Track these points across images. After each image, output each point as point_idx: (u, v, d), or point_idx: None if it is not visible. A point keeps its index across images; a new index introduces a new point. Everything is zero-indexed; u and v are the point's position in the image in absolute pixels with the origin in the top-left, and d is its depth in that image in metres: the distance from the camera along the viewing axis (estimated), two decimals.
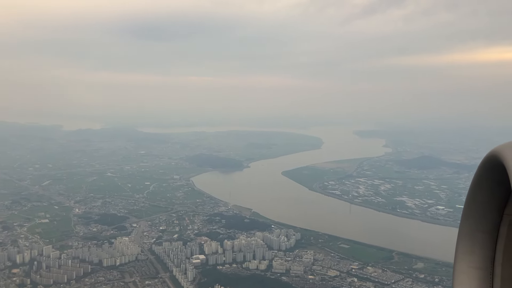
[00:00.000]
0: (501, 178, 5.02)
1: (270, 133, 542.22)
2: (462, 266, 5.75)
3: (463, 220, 5.78)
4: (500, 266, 5.62)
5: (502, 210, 5.59)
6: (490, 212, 5.60)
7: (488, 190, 5.45)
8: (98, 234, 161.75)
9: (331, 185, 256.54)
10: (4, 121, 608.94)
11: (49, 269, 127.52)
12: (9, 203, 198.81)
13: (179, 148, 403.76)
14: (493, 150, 4.90)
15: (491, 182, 5.33)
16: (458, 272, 5.76)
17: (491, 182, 5.33)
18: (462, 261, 5.76)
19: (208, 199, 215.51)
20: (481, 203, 5.58)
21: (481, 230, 5.69)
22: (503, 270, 5.60)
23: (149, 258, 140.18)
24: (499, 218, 5.63)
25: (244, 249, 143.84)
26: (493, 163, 4.92)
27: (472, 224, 5.71)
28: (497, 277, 5.62)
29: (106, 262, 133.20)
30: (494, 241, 5.71)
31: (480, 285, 5.67)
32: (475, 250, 5.72)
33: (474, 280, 5.69)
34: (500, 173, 4.82)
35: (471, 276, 5.72)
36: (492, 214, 5.62)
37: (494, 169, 4.99)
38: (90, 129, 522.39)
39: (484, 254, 5.71)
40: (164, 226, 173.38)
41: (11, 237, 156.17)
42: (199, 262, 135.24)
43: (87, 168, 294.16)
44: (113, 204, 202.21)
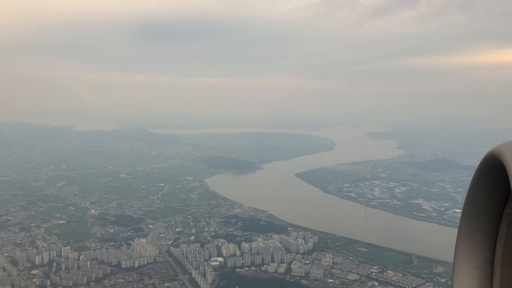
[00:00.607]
0: (500, 178, 4.99)
1: (281, 134, 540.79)
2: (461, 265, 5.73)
3: (462, 219, 5.76)
4: (500, 265, 5.60)
5: (501, 210, 5.56)
6: (490, 212, 5.58)
7: (488, 189, 5.44)
8: (115, 236, 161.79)
9: (346, 187, 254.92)
10: (17, 121, 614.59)
11: (68, 270, 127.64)
12: (25, 203, 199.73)
13: (191, 149, 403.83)
14: (492, 150, 4.88)
15: (491, 181, 5.32)
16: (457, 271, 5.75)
17: (491, 181, 5.32)
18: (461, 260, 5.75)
19: (223, 201, 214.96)
20: (480, 202, 5.56)
21: (480, 229, 5.66)
22: (502, 269, 5.59)
23: (167, 260, 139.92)
24: (499, 218, 5.60)
25: (262, 252, 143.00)
26: (493, 162, 4.90)
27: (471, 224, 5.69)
28: (497, 277, 5.60)
29: (125, 264, 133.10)
30: (494, 240, 5.69)
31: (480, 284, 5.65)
32: (474, 249, 5.70)
33: (473, 279, 5.67)
34: (499, 172, 4.81)
35: (471, 275, 5.70)
36: (491, 214, 5.59)
37: (494, 169, 4.96)
38: (102, 130, 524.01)
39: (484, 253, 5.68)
40: (181, 227, 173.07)
41: (29, 238, 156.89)
42: (217, 264, 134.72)
43: (101, 169, 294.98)
44: (128, 205, 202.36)
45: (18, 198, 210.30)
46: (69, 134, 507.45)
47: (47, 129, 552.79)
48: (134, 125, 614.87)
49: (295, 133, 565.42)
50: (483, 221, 5.67)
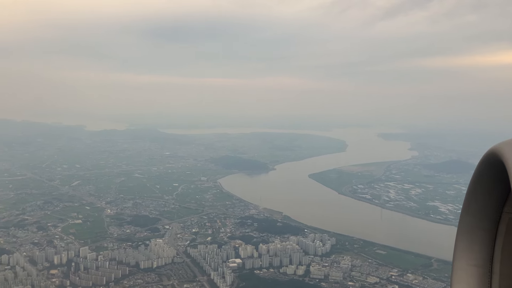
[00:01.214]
0: (500, 176, 5.01)
1: (292, 135, 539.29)
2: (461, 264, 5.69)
3: (462, 218, 5.70)
4: (499, 263, 5.57)
5: (501, 208, 5.53)
6: (489, 210, 5.55)
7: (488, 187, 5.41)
8: (132, 236, 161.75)
9: (361, 189, 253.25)
10: (29, 121, 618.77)
11: (87, 270, 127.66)
12: (41, 203, 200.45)
13: (203, 149, 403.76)
14: (492, 148, 4.87)
15: (491, 179, 5.30)
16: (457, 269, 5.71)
17: (491, 179, 5.30)
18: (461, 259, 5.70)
19: (238, 202, 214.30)
20: (480, 200, 5.52)
21: (480, 227, 5.62)
22: (502, 267, 5.55)
23: (185, 261, 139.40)
24: (498, 216, 5.56)
25: (279, 254, 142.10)
26: (493, 160, 4.89)
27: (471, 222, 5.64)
28: (496, 275, 5.57)
29: (143, 265, 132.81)
30: (493, 238, 5.65)
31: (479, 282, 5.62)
32: (474, 247, 5.66)
33: (473, 278, 5.64)
34: (499, 170, 4.83)
35: (470, 274, 5.67)
36: (491, 212, 5.56)
37: (494, 167, 4.97)
38: (115, 130, 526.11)
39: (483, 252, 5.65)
40: (197, 228, 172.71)
41: (46, 238, 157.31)
42: (235, 266, 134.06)
43: (115, 169, 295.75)
44: (144, 206, 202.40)
45: (34, 197, 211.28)
46: (81, 134, 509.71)
47: (59, 129, 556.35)
48: (146, 125, 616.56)
49: (306, 133, 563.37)
50: (483, 219, 5.60)
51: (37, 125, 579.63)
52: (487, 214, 5.61)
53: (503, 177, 4.76)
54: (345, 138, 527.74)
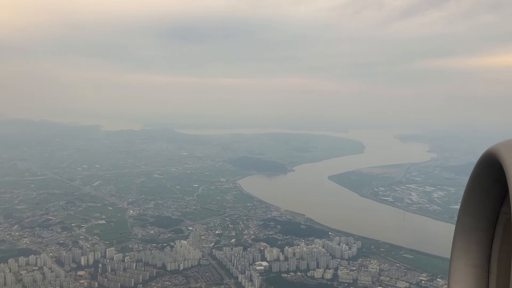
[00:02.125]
0: (497, 177, 5.02)
1: (308, 135, 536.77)
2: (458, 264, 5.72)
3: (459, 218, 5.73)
4: (496, 264, 5.59)
5: (498, 208, 5.55)
6: (487, 210, 5.57)
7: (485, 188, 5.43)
8: (156, 237, 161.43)
9: (382, 191, 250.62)
10: (47, 120, 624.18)
11: (115, 272, 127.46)
12: (64, 203, 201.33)
13: (220, 150, 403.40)
14: (490, 149, 4.91)
15: (488, 180, 5.31)
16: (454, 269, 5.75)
17: (488, 180, 5.31)
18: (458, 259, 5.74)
19: (259, 203, 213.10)
20: (478, 201, 5.54)
21: (477, 228, 5.65)
22: (499, 268, 5.55)
23: (211, 263, 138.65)
24: (496, 216, 5.59)
25: (306, 257, 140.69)
26: (490, 161, 4.92)
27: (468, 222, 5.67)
28: (493, 275, 5.60)
29: (170, 266, 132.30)
30: (490, 239, 5.67)
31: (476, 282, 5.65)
32: (471, 248, 5.69)
33: (470, 278, 5.66)
34: (497, 171, 4.85)
35: (467, 274, 5.68)
36: (488, 212, 5.58)
37: (491, 168, 5.00)
38: (131, 130, 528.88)
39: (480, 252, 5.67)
40: (220, 230, 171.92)
41: (71, 238, 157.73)
42: (262, 269, 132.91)
43: (134, 169, 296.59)
44: (165, 206, 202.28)
45: (56, 197, 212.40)
46: (98, 134, 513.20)
47: (75, 129, 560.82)
48: (162, 125, 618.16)
49: (322, 134, 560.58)
50: (480, 220, 5.59)
51: (54, 124, 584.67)
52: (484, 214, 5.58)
53: (501, 177, 4.70)
54: (362, 139, 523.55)
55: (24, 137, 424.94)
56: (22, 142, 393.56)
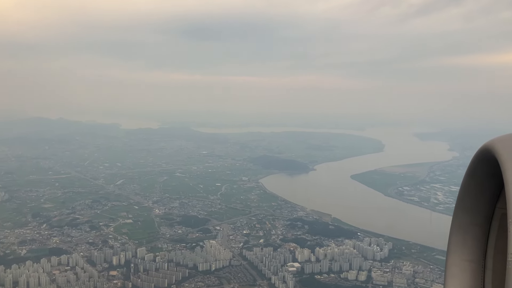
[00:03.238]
0: (493, 172, 5.10)
1: (326, 134, 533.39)
2: (454, 259, 5.77)
3: (455, 213, 5.78)
4: (492, 259, 5.66)
5: (494, 204, 5.62)
6: (483, 206, 5.62)
7: (481, 183, 5.48)
8: (184, 237, 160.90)
9: (407, 191, 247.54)
10: (65, 119, 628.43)
11: (147, 272, 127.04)
12: (90, 202, 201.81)
13: (239, 148, 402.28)
14: (486, 144, 4.98)
15: (484, 175, 5.37)
16: (450, 264, 5.80)
17: (484, 175, 5.37)
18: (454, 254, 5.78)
19: (283, 203, 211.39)
20: (473, 196, 5.59)
21: (473, 223, 5.70)
22: (494, 263, 5.62)
23: (242, 263, 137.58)
24: (491, 212, 5.65)
25: (337, 258, 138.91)
26: (486, 156, 5.00)
27: (464, 217, 5.72)
28: (489, 270, 5.67)
29: (202, 267, 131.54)
30: (486, 234, 5.71)
31: (472, 277, 5.70)
32: (467, 243, 5.74)
33: (466, 273, 5.71)
34: (492, 166, 4.91)
35: (463, 269, 5.70)
36: (484, 208, 5.64)
37: (487, 163, 5.08)
38: (149, 128, 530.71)
39: (476, 247, 5.73)
40: (247, 230, 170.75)
41: (100, 237, 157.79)
42: (294, 270, 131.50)
43: (155, 168, 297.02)
44: (190, 206, 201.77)
45: (82, 196, 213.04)
46: (117, 132, 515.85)
47: (94, 127, 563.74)
48: (179, 124, 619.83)
49: (339, 133, 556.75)
50: (476, 215, 5.65)
51: (72, 123, 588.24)
52: (480, 209, 5.61)
53: (496, 172, 4.74)
54: (380, 137, 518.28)
55: (43, 136, 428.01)
56: (42, 141, 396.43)
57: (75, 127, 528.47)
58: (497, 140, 4.84)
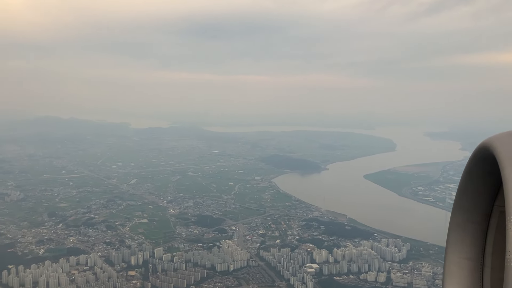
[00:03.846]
0: (492, 170, 5.07)
1: (336, 133, 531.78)
2: (453, 257, 5.75)
3: (454, 211, 5.76)
4: (490, 256, 5.65)
5: (492, 201, 5.61)
6: (481, 203, 5.61)
7: (479, 181, 5.46)
8: (200, 237, 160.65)
9: (421, 191, 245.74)
10: (76, 118, 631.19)
11: (166, 272, 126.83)
12: (105, 201, 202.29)
13: (250, 148, 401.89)
14: (484, 142, 4.96)
15: (482, 173, 5.34)
16: (449, 262, 5.77)
17: (482, 173, 5.34)
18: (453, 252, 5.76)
19: (298, 203, 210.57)
20: (472, 194, 5.58)
21: (472, 221, 5.68)
22: (493, 260, 5.61)
23: (259, 264, 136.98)
24: (490, 209, 5.65)
25: (356, 259, 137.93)
26: (484, 154, 4.98)
27: (463, 215, 5.70)
28: (487, 268, 5.67)
29: (220, 267, 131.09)
30: (485, 232, 5.69)
31: (471, 275, 5.69)
32: (466, 241, 5.73)
33: (464, 271, 5.70)
34: (491, 164, 4.91)
35: (462, 267, 5.69)
36: (482, 205, 5.62)
37: (485, 161, 5.07)
38: (159, 128, 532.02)
39: (475, 245, 5.71)
40: (263, 230, 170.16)
41: (116, 237, 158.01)
42: (313, 271, 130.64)
43: (168, 167, 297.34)
44: (205, 205, 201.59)
45: (96, 195, 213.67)
46: (128, 131, 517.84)
47: (104, 126, 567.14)
48: (189, 123, 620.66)
49: (350, 132, 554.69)
50: (474, 213, 5.64)
51: (83, 122, 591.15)
52: (478, 207, 5.60)
53: (495, 170, 4.73)
54: (391, 137, 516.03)
55: (55, 135, 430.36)
56: (54, 140, 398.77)
57: (85, 126, 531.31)
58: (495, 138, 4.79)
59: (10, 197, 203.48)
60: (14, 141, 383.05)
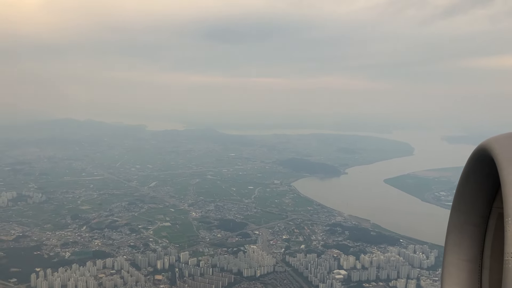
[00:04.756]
0: (490, 171, 5.11)
1: (352, 136, 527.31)
2: (451, 258, 5.74)
3: (452, 213, 5.76)
4: (489, 258, 5.67)
5: (491, 203, 5.62)
6: (479, 205, 5.60)
7: (477, 183, 5.46)
8: (224, 241, 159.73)
9: (443, 196, 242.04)
10: (92, 120, 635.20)
11: (193, 277, 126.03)
12: (126, 204, 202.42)
13: (267, 151, 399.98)
14: (482, 144, 5.02)
15: (480, 175, 5.34)
16: (447, 264, 5.77)
17: (480, 175, 5.34)
18: (451, 253, 5.76)
19: (319, 207, 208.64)
20: (470, 196, 5.56)
21: (470, 222, 5.67)
22: (491, 262, 5.63)
23: (286, 270, 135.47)
24: (488, 211, 5.66)
25: (383, 266, 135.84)
26: (482, 156, 5.03)
27: (461, 217, 5.69)
28: (486, 269, 5.68)
29: (246, 273, 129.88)
30: (483, 233, 5.67)
31: (469, 277, 5.67)
32: (464, 242, 5.71)
33: (463, 272, 5.68)
34: (489, 166, 4.96)
35: (460, 268, 5.69)
36: (481, 207, 5.61)
37: (483, 162, 5.12)
38: (175, 130, 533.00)
39: (473, 247, 5.70)
40: (286, 235, 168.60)
41: (140, 240, 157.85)
42: (341, 277, 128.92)
43: (186, 170, 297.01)
44: (226, 209, 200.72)
45: (117, 198, 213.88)
46: (144, 134, 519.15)
47: (121, 128, 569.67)
48: (204, 125, 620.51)
49: (366, 135, 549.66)
50: (473, 215, 5.64)
51: (100, 124, 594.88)
52: (477, 209, 5.61)
53: (493, 172, 4.76)
54: (409, 140, 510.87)
55: (73, 137, 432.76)
56: (72, 142, 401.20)
57: (101, 128, 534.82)
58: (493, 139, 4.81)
59: (32, 199, 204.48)
60: (33, 142, 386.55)
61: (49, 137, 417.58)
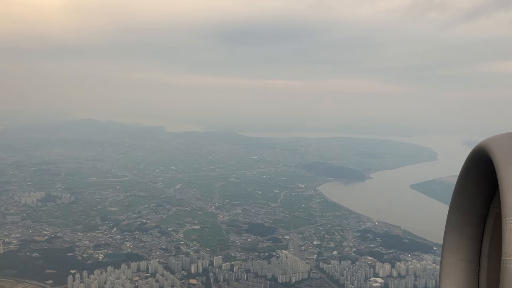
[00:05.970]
0: (487, 171, 5.12)
1: (373, 140, 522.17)
2: (449, 258, 5.70)
3: (450, 213, 5.73)
4: (487, 258, 5.67)
5: (489, 203, 5.64)
6: (477, 205, 5.58)
7: (475, 183, 5.43)
8: (255, 245, 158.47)
9: None
10: (113, 121, 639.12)
11: (228, 282, 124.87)
12: (154, 206, 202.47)
13: (288, 154, 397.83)
14: (480, 144, 5.05)
15: (478, 175, 5.33)
16: (445, 263, 5.73)
17: (478, 175, 5.33)
18: (449, 253, 5.71)
19: (347, 213, 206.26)
20: (468, 196, 5.55)
21: (468, 222, 5.65)
22: (489, 262, 5.63)
23: (321, 276, 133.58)
24: (486, 211, 5.67)
25: (420, 274, 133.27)
26: (480, 156, 5.07)
27: (459, 217, 5.67)
28: (484, 269, 5.68)
29: (281, 279, 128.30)
30: (481, 233, 5.67)
31: (467, 276, 5.63)
32: (462, 242, 5.68)
33: (461, 272, 5.65)
34: (487, 166, 4.97)
35: (458, 268, 5.69)
36: (479, 207, 5.59)
37: (481, 162, 5.14)
38: (195, 132, 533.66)
39: (471, 246, 5.67)
40: (317, 240, 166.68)
41: (171, 243, 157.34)
42: (379, 286, 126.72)
43: (210, 172, 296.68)
44: (253, 213, 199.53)
45: (144, 200, 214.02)
46: (164, 135, 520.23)
47: (140, 129, 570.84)
48: (223, 127, 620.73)
49: (386, 139, 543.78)
50: (471, 215, 5.63)
51: (120, 125, 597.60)
52: (475, 209, 5.65)
53: (491, 172, 4.80)
54: (430, 145, 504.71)
55: (95, 138, 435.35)
56: (95, 143, 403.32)
57: (122, 129, 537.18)
58: (491, 139, 4.86)
59: (61, 200, 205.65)
60: (57, 143, 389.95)
61: (72, 138, 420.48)
